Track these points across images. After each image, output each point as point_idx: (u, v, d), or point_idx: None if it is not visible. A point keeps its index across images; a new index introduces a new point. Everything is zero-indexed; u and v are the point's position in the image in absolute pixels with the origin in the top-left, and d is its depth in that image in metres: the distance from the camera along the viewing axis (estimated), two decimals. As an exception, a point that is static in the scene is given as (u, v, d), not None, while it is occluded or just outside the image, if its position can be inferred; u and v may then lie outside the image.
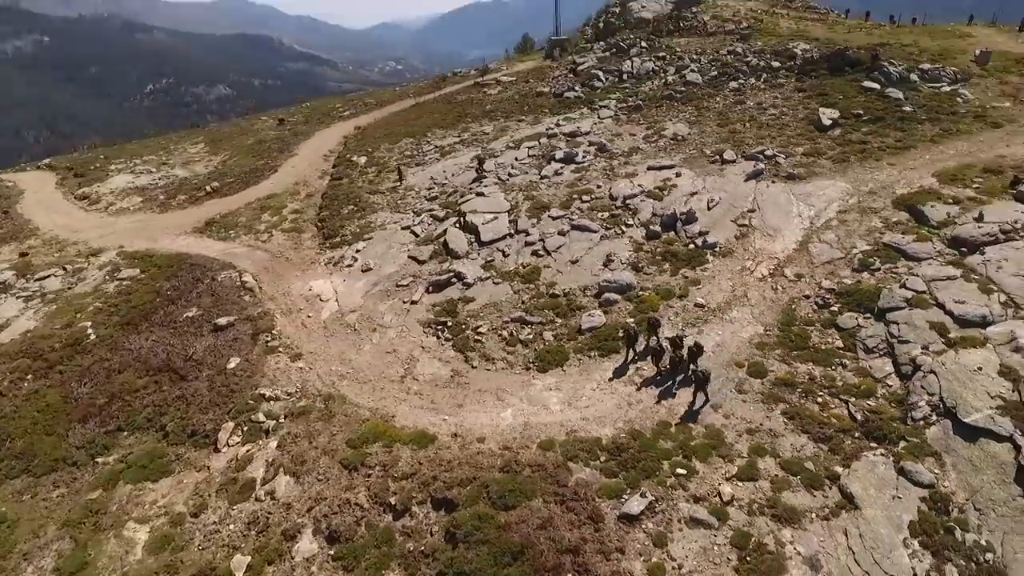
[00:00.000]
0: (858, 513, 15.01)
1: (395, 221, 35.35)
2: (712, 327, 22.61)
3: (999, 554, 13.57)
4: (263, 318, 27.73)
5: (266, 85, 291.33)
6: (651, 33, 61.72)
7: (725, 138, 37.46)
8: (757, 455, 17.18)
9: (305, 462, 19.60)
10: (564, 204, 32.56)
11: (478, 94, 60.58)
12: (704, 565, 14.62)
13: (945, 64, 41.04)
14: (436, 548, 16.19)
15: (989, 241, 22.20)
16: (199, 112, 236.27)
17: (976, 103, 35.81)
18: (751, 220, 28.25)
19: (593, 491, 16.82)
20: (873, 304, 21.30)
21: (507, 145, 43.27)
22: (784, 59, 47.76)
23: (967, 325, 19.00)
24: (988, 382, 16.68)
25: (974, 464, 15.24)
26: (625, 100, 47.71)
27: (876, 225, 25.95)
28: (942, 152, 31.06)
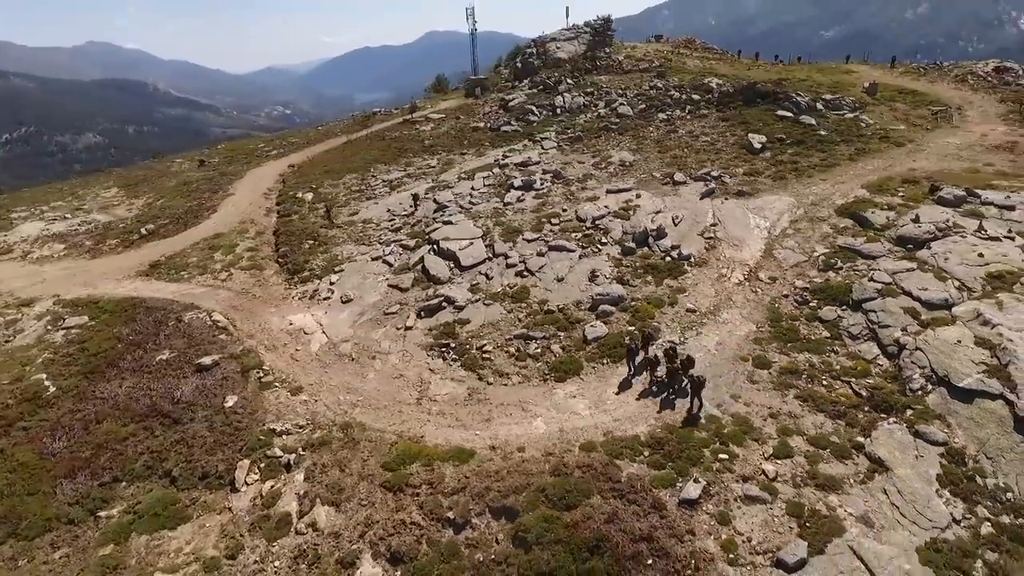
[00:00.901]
0: (891, 474, 16.82)
1: (362, 253, 35.13)
2: (709, 329, 24.35)
3: (1017, 492, 15.73)
4: (248, 355, 26.68)
5: (141, 132, 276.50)
6: (572, 71, 65.19)
7: (669, 163, 40.40)
8: (785, 435, 18.76)
9: (343, 490, 19.08)
10: (535, 227, 33.78)
11: (411, 131, 61.32)
12: (770, 535, 15.78)
13: (843, 95, 46.60)
14: (507, 554, 16.32)
15: (930, 238, 25.61)
16: (65, 162, 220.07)
17: (877, 126, 40.97)
18: (716, 233, 30.69)
19: (647, 483, 17.65)
20: (847, 297, 23.86)
21: (459, 176, 44.23)
22: (703, 92, 52.30)
23: (934, 308, 21.85)
24: (969, 352, 19.33)
25: (976, 421, 17.58)
26: (564, 132, 50.20)
27: (827, 231, 29.05)
28: (862, 167, 35.28)
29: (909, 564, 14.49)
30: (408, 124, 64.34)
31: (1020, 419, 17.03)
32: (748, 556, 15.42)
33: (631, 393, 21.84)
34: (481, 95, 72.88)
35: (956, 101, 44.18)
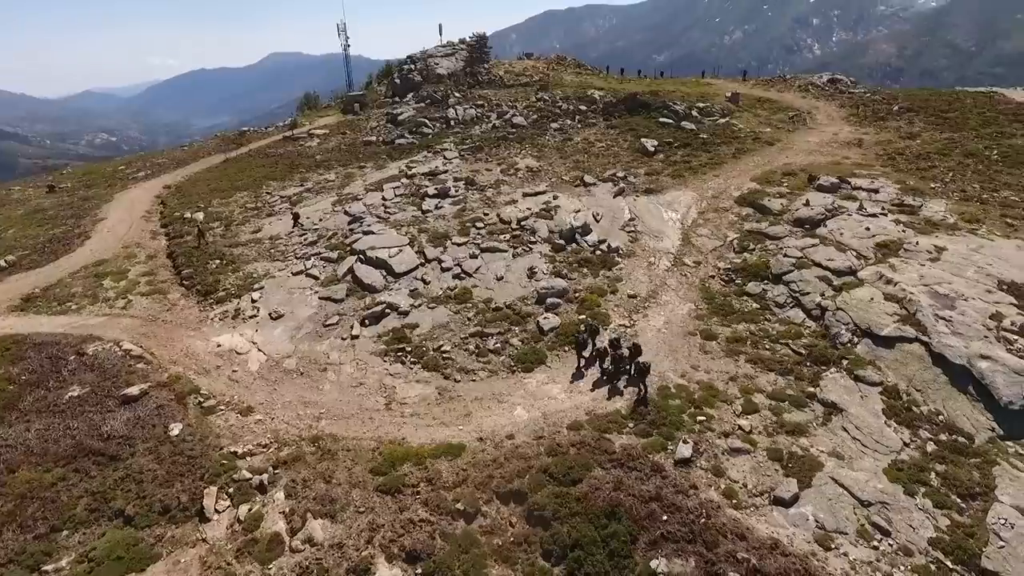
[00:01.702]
0: (845, 414, 19.22)
1: (280, 269, 33.54)
2: (653, 311, 26.13)
3: (946, 414, 18.65)
4: (177, 381, 24.56)
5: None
6: (455, 86, 66.39)
7: (573, 167, 42.55)
8: (747, 394, 20.71)
9: (335, 500, 18.23)
10: (462, 232, 34.15)
11: (296, 147, 59.29)
12: (761, 479, 17.42)
13: (712, 103, 51.72)
14: (526, 534, 16.56)
15: (823, 218, 29.38)
16: None
17: (748, 129, 45.96)
18: (636, 227, 32.90)
19: (640, 450, 18.68)
20: (766, 273, 26.73)
21: (365, 188, 43.53)
22: (588, 103, 55.63)
23: (842, 275, 25.16)
24: (882, 307, 22.54)
25: (900, 362, 20.56)
26: (463, 143, 51.01)
27: (733, 219, 32.25)
28: (745, 164, 39.46)
29: (880, 484, 16.70)
30: (290, 141, 62.09)
31: (936, 355, 20.22)
32: (748, 499, 16.89)
33: (584, 383, 22.53)
34: (361, 111, 71.95)
35: (806, 107, 50.70)
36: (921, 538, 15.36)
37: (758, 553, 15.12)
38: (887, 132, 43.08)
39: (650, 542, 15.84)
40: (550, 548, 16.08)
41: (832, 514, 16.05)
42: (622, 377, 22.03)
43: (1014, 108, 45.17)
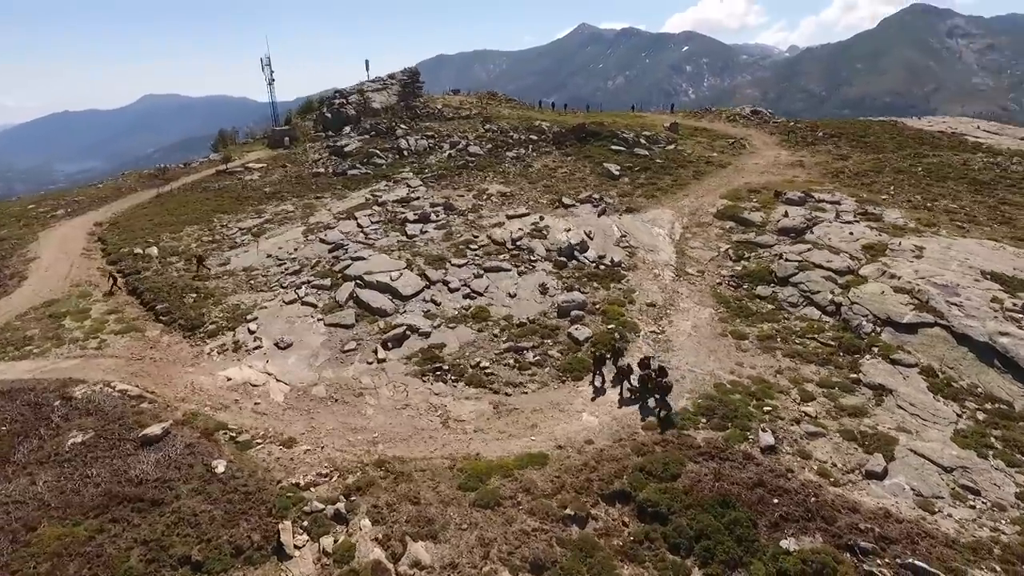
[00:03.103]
0: (895, 393, 20.84)
1: (269, 300, 31.82)
2: (677, 317, 27.14)
3: (983, 386, 20.74)
4: (196, 418, 22.54)
5: None
6: (397, 118, 66.32)
7: (544, 191, 43.60)
8: (797, 384, 21.95)
9: (432, 520, 17.31)
10: (458, 254, 33.95)
11: (234, 180, 56.73)
12: (846, 458, 18.49)
13: (655, 133, 54.97)
14: (646, 532, 16.53)
15: (805, 227, 31.96)
16: None
17: (697, 155, 49.20)
18: (630, 242, 34.16)
19: (722, 442, 19.25)
20: (771, 277, 28.61)
21: (335, 217, 42.37)
22: (538, 133, 57.39)
23: (843, 274, 27.43)
24: (895, 298, 24.78)
25: (927, 344, 22.64)
26: (423, 171, 50.86)
27: (719, 232, 34.29)
28: (708, 184, 42.17)
29: (954, 451, 18.25)
30: (226, 175, 59.31)
31: (959, 336, 22.50)
32: (843, 477, 17.82)
33: (607, 402, 22.06)
34: (291, 145, 70.13)
35: (740, 134, 55.04)
36: (1008, 494, 16.89)
37: (875, 522, 15.97)
38: (821, 155, 47.65)
39: (771, 524, 16.29)
40: (676, 541, 16.11)
41: (923, 481, 17.30)
42: (647, 397, 21.39)
43: (915, 133, 51.46)
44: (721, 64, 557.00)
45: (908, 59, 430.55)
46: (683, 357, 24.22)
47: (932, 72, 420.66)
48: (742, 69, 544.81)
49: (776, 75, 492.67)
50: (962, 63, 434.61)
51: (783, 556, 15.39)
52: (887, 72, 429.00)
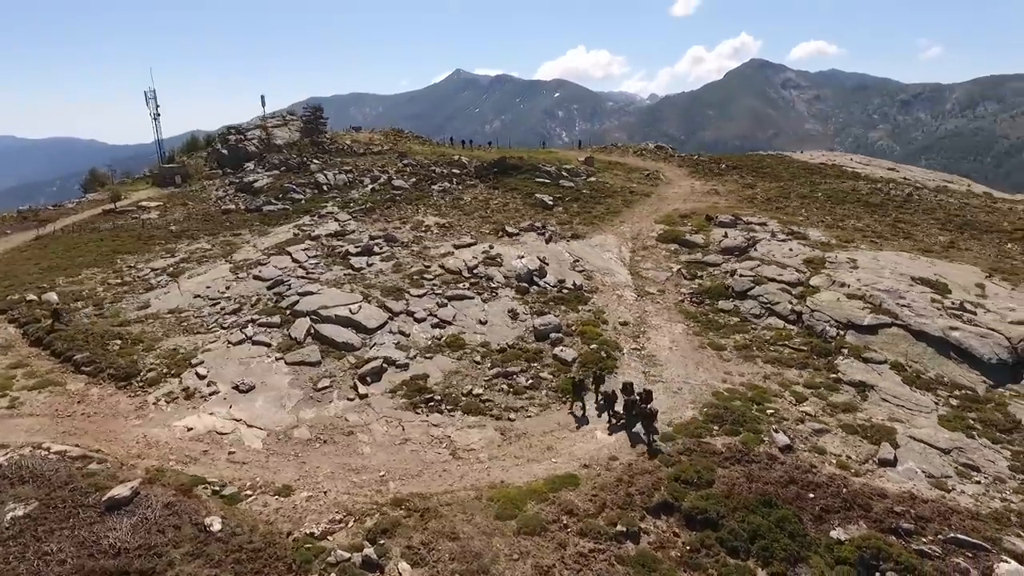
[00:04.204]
0: (876, 388, 22.50)
1: (211, 341, 29.04)
2: (653, 334, 27.82)
3: (948, 376, 22.94)
4: (165, 475, 19.85)
5: None
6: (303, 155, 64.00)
7: (482, 221, 43.59)
8: (787, 387, 23.12)
9: (480, 555, 16.17)
10: (415, 284, 32.92)
11: (130, 220, 51.97)
12: (856, 450, 19.63)
13: (574, 167, 56.99)
14: (701, 539, 16.44)
15: (747, 246, 34.20)
16: None
17: (619, 186, 51.48)
18: (585, 267, 34.80)
19: (741, 446, 19.75)
20: (728, 292, 30.21)
21: (264, 253, 39.72)
22: (459, 167, 57.55)
23: (796, 285, 29.51)
24: (849, 303, 26.98)
25: (889, 343, 24.75)
26: (348, 205, 49.20)
27: (666, 253, 35.87)
28: (640, 212, 44.18)
29: (946, 434, 19.95)
30: (116, 214, 54.18)
31: (915, 332, 24.81)
32: (860, 467, 18.83)
33: (579, 435, 21.27)
34: (184, 183, 65.67)
35: (652, 167, 58.36)
36: (1003, 468, 18.62)
37: (906, 505, 16.95)
38: (730, 184, 51.57)
39: (815, 518, 16.80)
40: (733, 544, 16.14)
41: (930, 464, 18.68)
42: (634, 423, 20.78)
43: (803, 164, 57.27)
44: (590, 110, 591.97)
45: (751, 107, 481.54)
46: (673, 370, 24.73)
47: (772, 119, 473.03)
48: (609, 115, 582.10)
49: (640, 120, 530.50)
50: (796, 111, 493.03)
51: (837, 546, 15.88)
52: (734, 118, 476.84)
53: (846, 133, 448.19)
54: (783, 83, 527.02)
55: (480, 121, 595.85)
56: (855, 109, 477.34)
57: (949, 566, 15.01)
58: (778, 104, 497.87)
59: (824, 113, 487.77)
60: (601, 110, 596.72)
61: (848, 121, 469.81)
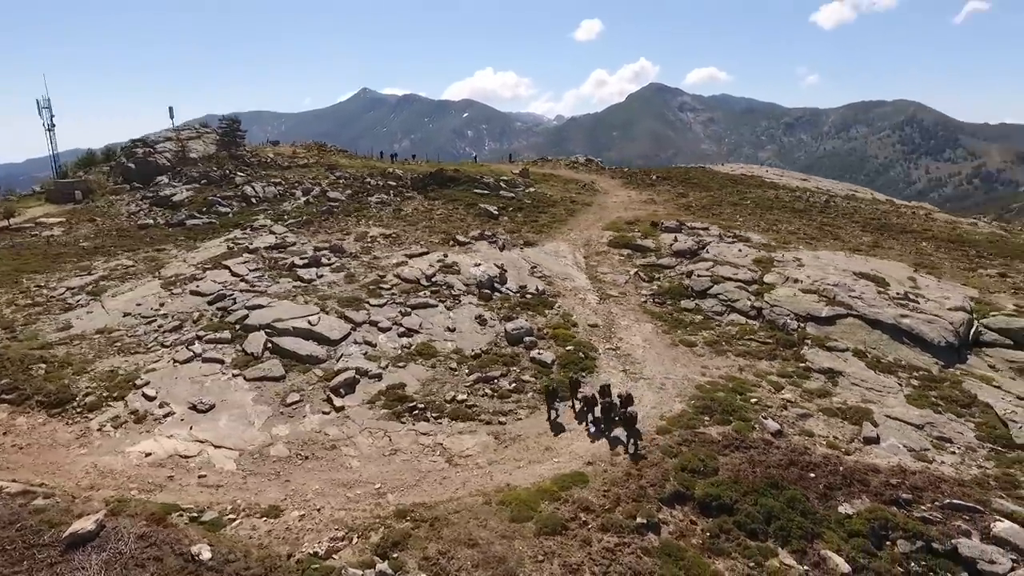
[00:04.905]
0: (844, 374, 23.72)
1: (154, 361, 26.72)
2: (624, 334, 28.12)
3: (904, 359, 24.53)
4: (129, 504, 17.91)
5: None
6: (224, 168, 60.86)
7: (429, 232, 42.84)
8: (762, 377, 23.96)
9: (503, 559, 15.51)
10: (372, 294, 31.76)
11: (31, 237, 47.33)
12: (839, 431, 20.51)
13: (512, 179, 57.35)
14: (719, 525, 16.55)
15: (698, 249, 35.47)
16: None
17: (559, 196, 52.19)
18: (543, 272, 34.85)
19: (736, 434, 20.20)
20: (688, 292, 31.12)
21: (199, 268, 37.11)
22: (395, 179, 56.62)
23: (751, 284, 30.79)
24: (805, 298, 28.44)
25: (847, 332, 26.22)
26: (281, 217, 47.06)
27: (619, 258, 36.58)
28: (585, 220, 44.92)
29: (916, 411, 21.26)
30: (13, 232, 49.05)
31: (871, 321, 26.44)
32: (848, 445, 19.70)
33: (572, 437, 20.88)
34: (87, 198, 60.68)
35: (587, 179, 59.63)
36: (971, 438, 20.03)
37: (899, 477, 17.87)
38: (664, 193, 53.52)
39: (820, 495, 17.35)
40: (752, 527, 16.37)
41: (908, 439, 19.81)
42: (614, 427, 20.32)
43: (726, 175, 60.45)
44: (499, 130, 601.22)
45: (652, 128, 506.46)
46: (652, 367, 25.04)
47: (671, 139, 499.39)
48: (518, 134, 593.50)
49: (548, 140, 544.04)
50: (692, 132, 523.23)
51: (846, 520, 16.46)
52: (637, 139, 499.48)
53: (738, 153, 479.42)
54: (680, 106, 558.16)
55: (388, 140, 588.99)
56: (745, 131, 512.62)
57: (952, 529, 15.87)
58: (676, 126, 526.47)
59: (718, 134, 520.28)
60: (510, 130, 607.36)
61: (739, 142, 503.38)
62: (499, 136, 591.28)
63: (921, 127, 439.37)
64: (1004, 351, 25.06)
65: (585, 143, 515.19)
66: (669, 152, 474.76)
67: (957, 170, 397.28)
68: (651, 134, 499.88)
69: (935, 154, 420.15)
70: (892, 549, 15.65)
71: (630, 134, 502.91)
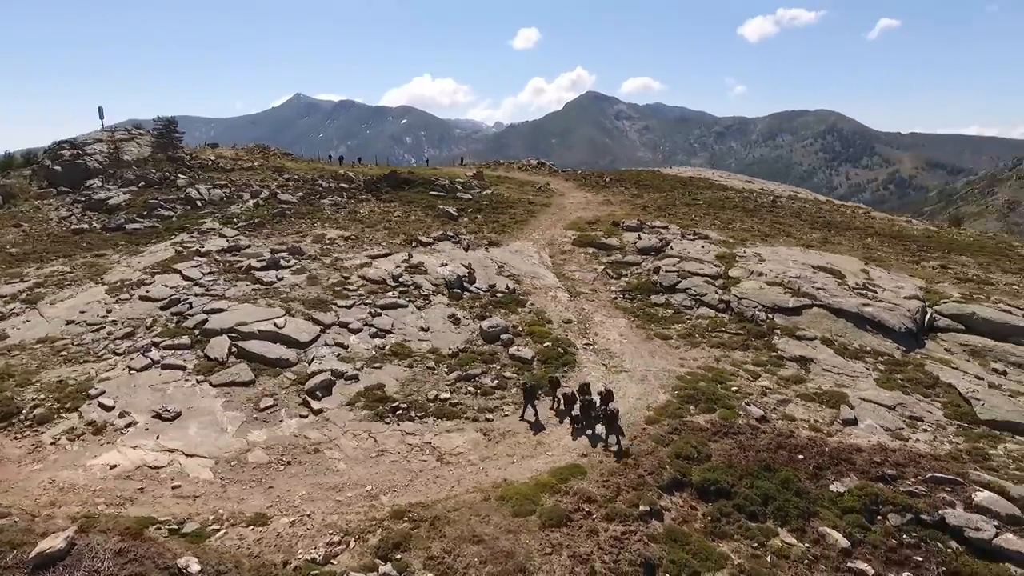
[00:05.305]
0: (816, 360, 24.55)
1: (107, 369, 25.15)
2: (599, 329, 28.27)
3: (869, 346, 25.59)
4: (99, 520, 16.66)
5: None
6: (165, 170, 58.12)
7: (389, 233, 42.07)
8: (739, 366, 24.52)
9: (512, 554, 15.17)
10: (338, 295, 30.87)
11: (-56, 244, 43.65)
12: (819, 414, 21.16)
13: (467, 181, 57.08)
14: (719, 508, 16.74)
15: (662, 246, 36.11)
16: None
17: (516, 198, 52.24)
18: (511, 271, 34.71)
19: (723, 421, 20.56)
20: (656, 287, 31.61)
21: (147, 272, 35.15)
22: (347, 182, 55.40)
23: (717, 278, 31.55)
24: (770, 290, 29.31)
25: (813, 321, 27.16)
26: (231, 220, 45.20)
27: (585, 257, 36.87)
28: (545, 220, 45.11)
29: (887, 393, 22.20)
30: (-72, 238, 45.08)
31: (835, 310, 27.51)
32: (829, 427, 20.36)
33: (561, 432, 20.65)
34: (8, 203, 56.77)
35: (541, 181, 59.92)
36: (939, 416, 21.06)
37: (881, 455, 18.57)
38: (619, 195, 54.36)
39: (811, 476, 17.81)
40: (751, 509, 16.63)
41: (883, 419, 20.64)
42: (596, 424, 20.07)
43: (676, 177, 62.00)
44: (438, 136, 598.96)
45: (590, 136, 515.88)
46: (631, 360, 25.23)
47: (608, 146, 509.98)
48: (458, 141, 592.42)
49: (487, 147, 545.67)
50: (628, 140, 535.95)
51: (839, 498, 16.95)
52: (575, 146, 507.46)
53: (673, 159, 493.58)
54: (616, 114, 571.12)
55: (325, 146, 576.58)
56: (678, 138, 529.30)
57: (937, 500, 16.58)
58: (613, 133, 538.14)
59: (653, 142, 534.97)
60: (449, 136, 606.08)
61: (673, 149, 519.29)
62: (438, 142, 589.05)
63: (841, 136, 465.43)
64: (957, 335, 26.58)
65: (525, 150, 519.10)
66: (607, 159, 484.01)
67: (874, 176, 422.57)
68: (589, 141, 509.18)
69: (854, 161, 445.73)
70: (884, 523, 16.19)
71: (568, 141, 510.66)
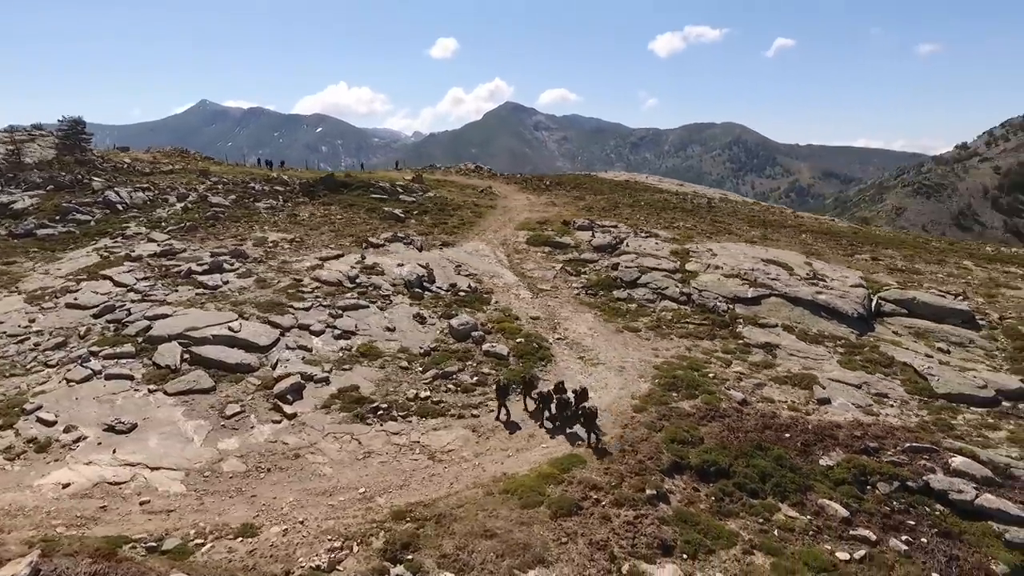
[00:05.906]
0: (781, 346, 25.49)
1: (40, 382, 22.87)
2: (568, 324, 28.27)
3: (828, 331, 26.82)
4: (60, 543, 15.00)
5: None
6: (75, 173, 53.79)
7: (335, 236, 40.53)
8: (710, 354, 25.14)
9: (528, 546, 14.76)
10: (293, 297, 29.43)
11: None
12: (794, 396, 21.98)
13: (407, 184, 56.09)
14: (720, 488, 17.02)
15: (616, 244, 36.67)
16: None
17: (461, 200, 51.73)
18: (470, 271, 34.24)
19: (707, 406, 20.96)
20: (618, 283, 32.04)
21: (71, 279, 32.30)
22: (282, 184, 53.19)
23: (675, 272, 32.32)
24: (730, 282, 30.30)
25: (772, 310, 28.24)
26: (159, 224, 42.25)
27: (541, 256, 36.91)
28: (493, 222, 44.90)
29: (851, 374, 23.34)
30: None
31: (792, 299, 28.72)
32: (806, 407, 21.15)
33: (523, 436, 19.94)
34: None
35: (483, 184, 59.62)
36: (902, 392, 22.32)
37: (859, 429, 19.46)
38: (562, 197, 54.92)
39: (800, 452, 18.42)
40: (752, 487, 16.97)
41: (853, 397, 21.68)
42: (573, 424, 19.69)
43: (612, 181, 63.34)
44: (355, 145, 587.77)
45: (509, 145, 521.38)
46: (606, 353, 25.35)
47: (528, 156, 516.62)
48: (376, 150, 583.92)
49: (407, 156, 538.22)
50: (547, 150, 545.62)
51: (830, 471, 17.60)
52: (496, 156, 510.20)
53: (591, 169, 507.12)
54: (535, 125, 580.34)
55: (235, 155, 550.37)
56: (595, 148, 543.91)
57: (919, 468, 17.51)
58: (532, 143, 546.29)
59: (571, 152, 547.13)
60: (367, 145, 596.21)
61: (591, 159, 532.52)
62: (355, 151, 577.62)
63: (746, 147, 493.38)
64: (902, 319, 28.41)
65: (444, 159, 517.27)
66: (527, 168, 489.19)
67: (776, 185, 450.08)
68: (509, 151, 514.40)
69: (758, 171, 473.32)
70: (875, 492, 16.92)
71: (489, 150, 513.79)
